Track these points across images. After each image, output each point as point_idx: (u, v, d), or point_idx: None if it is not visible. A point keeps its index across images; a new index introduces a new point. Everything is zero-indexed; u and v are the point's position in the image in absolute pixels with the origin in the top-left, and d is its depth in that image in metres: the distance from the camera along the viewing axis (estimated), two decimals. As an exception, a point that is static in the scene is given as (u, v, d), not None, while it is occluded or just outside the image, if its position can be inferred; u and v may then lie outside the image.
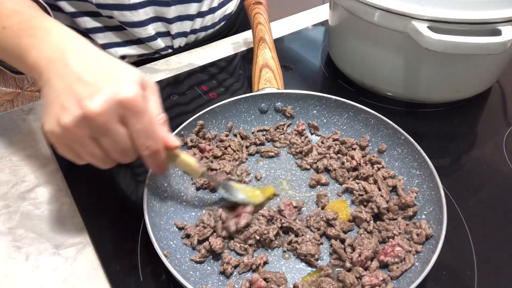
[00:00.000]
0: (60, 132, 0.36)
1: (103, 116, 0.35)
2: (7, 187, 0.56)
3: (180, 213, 0.50)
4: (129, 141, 0.38)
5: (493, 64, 0.64)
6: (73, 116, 0.35)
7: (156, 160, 0.40)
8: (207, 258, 0.46)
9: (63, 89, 0.36)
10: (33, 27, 0.41)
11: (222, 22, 0.86)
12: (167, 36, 0.79)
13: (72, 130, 0.36)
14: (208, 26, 0.83)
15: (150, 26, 0.74)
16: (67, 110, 0.35)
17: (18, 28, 0.42)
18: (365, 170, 0.52)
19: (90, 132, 0.36)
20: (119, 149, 0.38)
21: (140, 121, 0.37)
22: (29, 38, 0.40)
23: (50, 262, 0.47)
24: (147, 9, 0.72)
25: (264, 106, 0.60)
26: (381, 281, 0.42)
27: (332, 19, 0.73)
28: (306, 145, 0.57)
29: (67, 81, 0.36)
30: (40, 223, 0.51)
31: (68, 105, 0.36)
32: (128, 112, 0.36)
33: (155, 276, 0.45)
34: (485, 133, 0.64)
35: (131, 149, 0.39)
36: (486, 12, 0.54)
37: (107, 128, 0.36)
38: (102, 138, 0.37)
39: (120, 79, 0.37)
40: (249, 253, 0.46)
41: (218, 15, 0.84)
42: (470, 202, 0.53)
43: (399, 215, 0.48)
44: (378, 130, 0.56)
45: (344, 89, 0.72)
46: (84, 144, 0.37)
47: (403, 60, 0.62)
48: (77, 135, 0.36)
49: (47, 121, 0.37)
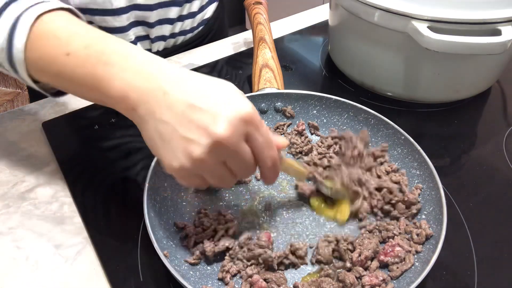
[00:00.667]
0: (191, 166, 0.35)
1: (233, 139, 0.35)
2: (7, 187, 0.55)
3: (180, 213, 0.50)
4: (252, 157, 0.38)
5: (493, 64, 0.64)
6: (204, 146, 0.34)
7: (276, 168, 0.41)
8: (201, 260, 0.46)
9: (178, 121, 0.35)
10: (104, 52, 0.37)
11: (200, 27, 0.85)
12: (146, 40, 0.77)
13: (205, 161, 0.35)
14: (187, 30, 0.81)
15: (131, 31, 0.72)
16: (195, 143, 0.34)
17: (86, 54, 0.38)
18: (367, 160, 0.53)
19: (220, 158, 0.36)
20: (245, 166, 0.38)
21: (262, 133, 0.37)
22: (105, 67, 0.37)
23: (50, 262, 0.47)
24: (129, 14, 0.70)
25: (264, 106, 0.60)
26: (381, 281, 0.42)
27: (332, 19, 0.73)
28: (306, 145, 0.57)
29: (177, 111, 0.35)
30: (40, 223, 0.51)
31: (194, 137, 0.34)
32: (251, 127, 0.36)
33: (155, 276, 0.45)
34: (485, 133, 0.64)
35: (254, 165, 0.39)
36: (486, 12, 0.54)
37: (237, 149, 0.36)
38: (231, 160, 0.37)
39: (231, 96, 0.36)
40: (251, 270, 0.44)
41: (197, 20, 0.82)
42: (470, 202, 0.53)
43: (403, 214, 0.48)
44: (378, 130, 0.56)
45: (344, 89, 0.72)
46: (214, 170, 0.37)
47: (403, 60, 0.62)
48: (209, 164, 0.36)
49: (173, 159, 0.35)
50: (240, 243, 0.46)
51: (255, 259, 0.44)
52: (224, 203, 0.52)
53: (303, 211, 0.51)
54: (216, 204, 0.52)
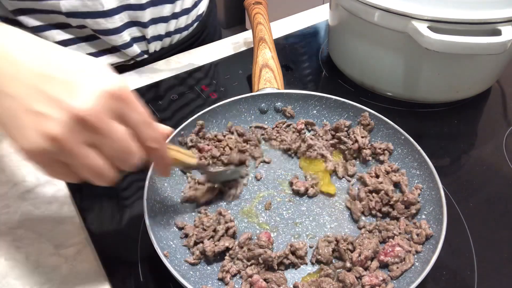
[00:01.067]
0: (49, 148, 0.29)
1: (97, 114, 0.29)
2: (7, 187, 0.56)
3: (180, 213, 0.50)
4: (129, 138, 0.32)
5: (493, 64, 0.64)
6: (60, 122, 0.28)
7: (163, 153, 0.37)
8: (201, 260, 0.46)
9: (27, 94, 0.29)
10: None
11: (195, 24, 0.84)
12: (143, 41, 0.76)
13: (65, 141, 0.29)
14: (182, 28, 0.81)
15: (126, 32, 0.71)
16: (48, 118, 0.28)
17: None
18: (367, 151, 0.53)
19: (85, 138, 0.30)
20: (122, 150, 0.32)
21: (138, 111, 0.32)
22: None
23: (50, 262, 0.47)
24: (122, 14, 0.69)
25: (264, 106, 0.60)
26: (381, 281, 0.42)
27: (332, 19, 0.73)
28: (294, 143, 0.57)
29: (26, 82, 0.29)
30: (40, 223, 0.51)
31: (46, 111, 0.28)
32: (122, 104, 0.31)
33: (155, 276, 0.45)
34: (485, 133, 0.64)
35: (135, 148, 0.33)
36: (486, 12, 0.54)
37: (104, 127, 0.30)
38: (102, 142, 0.31)
39: (96, 68, 0.30)
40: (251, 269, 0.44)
41: (192, 17, 0.82)
42: (470, 202, 0.53)
43: (403, 215, 0.48)
44: (378, 130, 0.56)
45: (344, 89, 0.72)
46: (80, 156, 0.30)
47: (403, 60, 0.62)
48: (71, 146, 0.29)
49: (23, 139, 0.29)
50: (240, 243, 0.46)
51: (255, 259, 0.44)
52: (224, 203, 0.52)
53: (303, 211, 0.51)
54: (216, 204, 0.52)
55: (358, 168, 0.55)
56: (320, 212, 0.51)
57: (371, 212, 0.50)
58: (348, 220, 0.50)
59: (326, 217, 0.50)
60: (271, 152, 0.59)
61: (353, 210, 0.50)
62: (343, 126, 0.57)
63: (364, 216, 0.50)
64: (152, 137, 0.34)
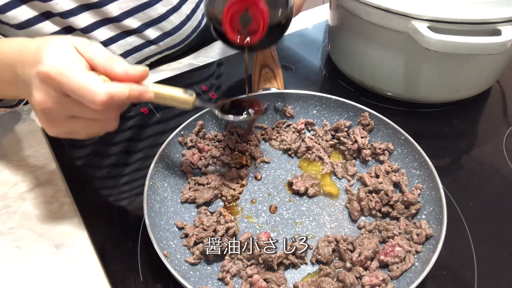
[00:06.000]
0: (43, 101, 0.37)
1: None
2: (7, 187, 0.55)
3: (180, 213, 0.50)
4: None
5: (493, 64, 0.64)
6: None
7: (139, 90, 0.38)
8: (201, 260, 0.46)
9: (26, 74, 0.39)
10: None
11: (188, 22, 0.80)
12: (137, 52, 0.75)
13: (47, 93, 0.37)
14: (177, 26, 0.77)
15: (129, 38, 0.71)
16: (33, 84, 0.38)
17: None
18: (367, 151, 0.53)
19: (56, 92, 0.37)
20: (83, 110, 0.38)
21: (70, 86, 0.36)
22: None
23: (50, 262, 0.47)
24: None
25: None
26: (381, 281, 0.42)
27: (332, 19, 0.73)
28: (294, 143, 0.57)
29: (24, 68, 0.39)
30: (40, 223, 0.51)
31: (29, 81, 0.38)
32: (54, 84, 0.37)
33: (155, 276, 0.45)
34: (485, 133, 0.64)
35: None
36: (486, 12, 0.54)
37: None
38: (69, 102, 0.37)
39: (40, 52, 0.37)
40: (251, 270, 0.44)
41: (182, 15, 0.78)
42: (470, 202, 0.53)
43: (403, 215, 0.48)
44: (378, 130, 0.56)
45: (344, 89, 0.72)
46: (64, 105, 0.38)
47: (403, 60, 0.62)
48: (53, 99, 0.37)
49: (29, 95, 0.38)
50: (240, 243, 0.46)
51: (255, 259, 0.44)
52: (223, 203, 0.52)
53: (303, 211, 0.51)
54: (216, 204, 0.52)
55: (358, 168, 0.56)
56: (320, 212, 0.51)
57: (371, 212, 0.50)
58: (348, 220, 0.50)
59: (326, 217, 0.50)
60: (271, 152, 0.59)
61: (350, 210, 0.50)
62: (343, 126, 0.57)
63: (364, 216, 0.50)
64: (92, 101, 0.36)
